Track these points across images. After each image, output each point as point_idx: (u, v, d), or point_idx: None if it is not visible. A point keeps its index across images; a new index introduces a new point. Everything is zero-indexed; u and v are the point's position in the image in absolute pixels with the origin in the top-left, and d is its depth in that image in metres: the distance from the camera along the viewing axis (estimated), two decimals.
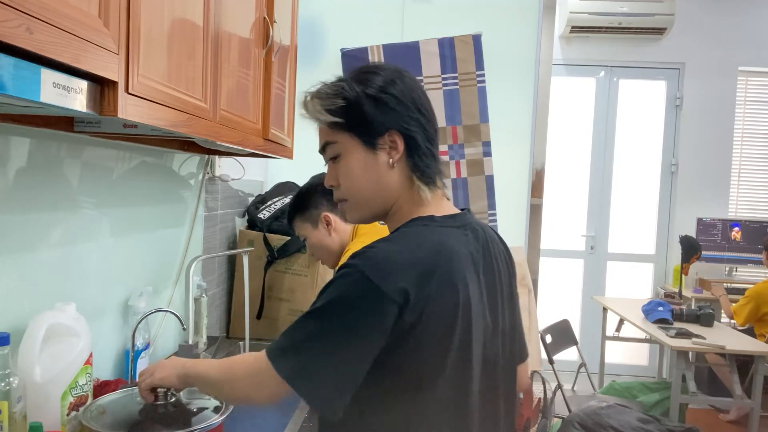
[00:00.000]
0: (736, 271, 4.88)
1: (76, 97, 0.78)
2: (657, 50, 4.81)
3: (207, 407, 1.23)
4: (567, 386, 3.47)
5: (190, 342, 1.80)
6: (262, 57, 1.59)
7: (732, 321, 3.98)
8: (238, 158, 2.19)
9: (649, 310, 3.64)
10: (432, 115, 1.05)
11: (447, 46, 2.75)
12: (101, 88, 0.84)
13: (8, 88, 0.66)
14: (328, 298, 0.92)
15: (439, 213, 1.03)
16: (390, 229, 1.06)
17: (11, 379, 1.03)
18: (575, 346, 3.57)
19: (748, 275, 4.86)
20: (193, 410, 1.22)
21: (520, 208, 2.92)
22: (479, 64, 2.75)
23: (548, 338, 3.33)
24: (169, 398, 1.17)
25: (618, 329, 4.25)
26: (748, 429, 3.25)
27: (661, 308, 3.59)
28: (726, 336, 3.38)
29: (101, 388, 1.36)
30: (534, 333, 2.63)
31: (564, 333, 3.54)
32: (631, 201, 4.98)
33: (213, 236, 2.19)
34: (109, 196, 1.49)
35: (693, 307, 3.86)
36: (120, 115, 0.85)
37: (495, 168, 2.77)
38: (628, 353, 4.85)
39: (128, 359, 1.56)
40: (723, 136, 4.87)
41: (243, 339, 2.13)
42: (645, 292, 4.96)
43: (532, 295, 2.68)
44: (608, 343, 4.28)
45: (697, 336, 3.23)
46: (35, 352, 1.09)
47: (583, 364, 3.60)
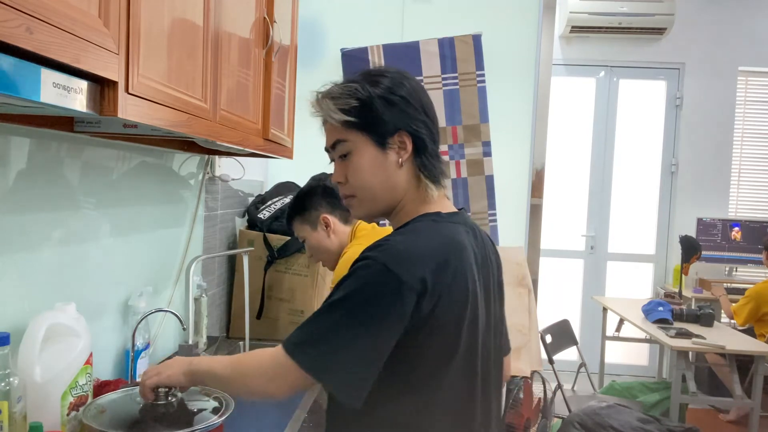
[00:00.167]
0: (736, 271, 4.88)
1: (76, 97, 0.78)
2: (657, 50, 4.81)
3: (207, 407, 1.23)
4: (567, 386, 3.47)
5: (190, 342, 1.80)
6: (262, 57, 1.59)
7: (732, 321, 3.98)
8: (238, 158, 2.19)
9: (649, 310, 3.64)
10: (435, 118, 1.10)
11: (447, 46, 2.75)
12: (101, 88, 0.84)
13: (8, 88, 0.66)
14: (347, 289, 0.95)
15: (444, 210, 1.08)
16: (394, 226, 1.11)
17: (11, 379, 1.03)
18: (575, 346, 3.57)
19: (748, 275, 4.86)
20: (193, 410, 1.21)
21: (520, 208, 2.92)
22: (479, 64, 2.75)
23: (548, 338, 3.33)
24: (169, 398, 1.17)
25: (618, 329, 4.25)
26: (748, 429, 3.25)
27: (661, 308, 3.59)
28: (726, 336, 3.38)
29: (101, 388, 1.36)
30: (534, 333, 2.62)
31: (564, 333, 3.54)
32: (631, 201, 4.98)
33: (213, 236, 2.19)
34: (109, 196, 1.49)
35: (693, 307, 3.86)
36: (120, 115, 0.85)
37: (495, 168, 2.78)
38: (628, 353, 4.85)
39: (128, 359, 1.56)
40: (723, 136, 4.87)
41: (243, 339, 2.13)
42: (645, 292, 4.96)
43: (532, 295, 2.68)
44: (608, 343, 4.28)
45: (697, 336, 3.23)
46: (35, 352, 1.09)
47: (583, 364, 3.60)
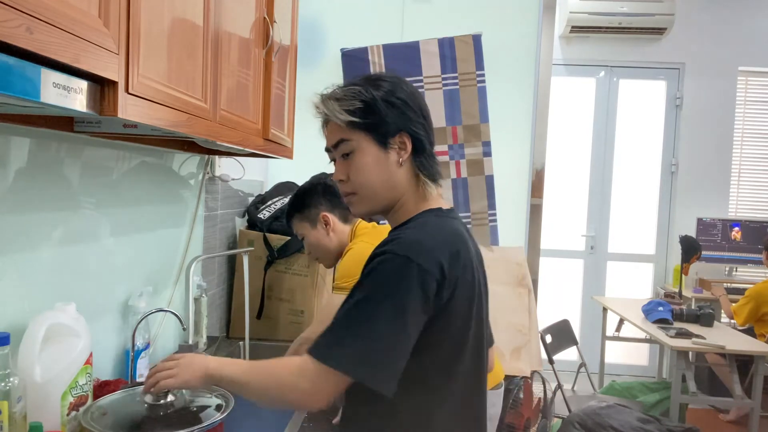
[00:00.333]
0: (736, 271, 4.88)
1: (76, 97, 0.78)
2: (657, 50, 4.81)
3: (207, 406, 1.23)
4: (567, 386, 3.47)
5: (190, 342, 1.80)
6: (262, 57, 1.59)
7: (732, 321, 3.98)
8: (238, 158, 2.19)
9: (649, 310, 3.64)
10: (431, 121, 1.16)
11: (447, 46, 2.75)
12: (101, 88, 0.84)
13: (8, 88, 0.66)
14: (371, 285, 0.98)
15: (444, 207, 1.14)
16: (393, 224, 1.15)
17: (11, 379, 1.03)
18: (575, 346, 3.57)
19: (748, 275, 4.86)
20: (193, 410, 1.22)
21: (520, 208, 2.92)
22: (479, 64, 2.75)
23: (548, 338, 3.33)
24: (169, 398, 1.17)
25: (618, 329, 4.25)
26: (748, 429, 3.25)
27: (661, 308, 3.59)
28: (726, 336, 3.38)
29: (101, 388, 1.36)
30: (534, 333, 2.63)
31: (564, 333, 3.54)
32: (631, 201, 4.98)
33: (213, 236, 2.19)
34: (109, 196, 1.49)
35: (693, 307, 3.86)
36: (120, 115, 0.85)
37: (495, 168, 2.78)
38: (628, 353, 4.85)
39: (128, 359, 1.56)
40: (723, 136, 4.87)
41: (243, 339, 2.13)
42: (645, 292, 4.96)
43: (532, 295, 2.68)
44: (608, 343, 4.28)
45: (697, 336, 3.23)
46: (35, 352, 1.09)
47: (583, 364, 3.60)
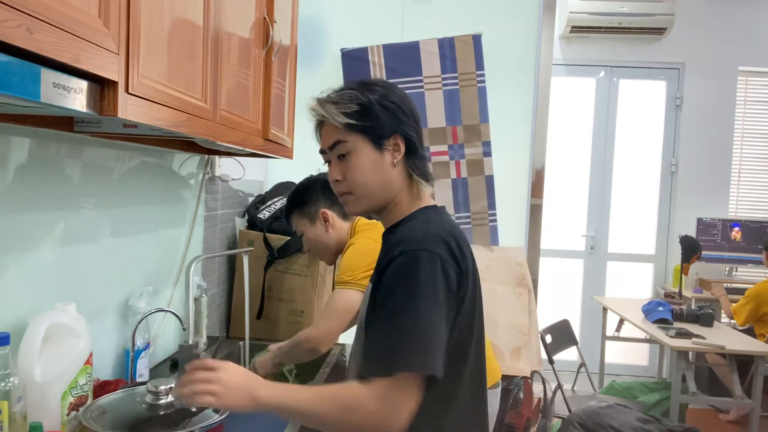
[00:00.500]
0: (736, 271, 4.88)
1: (76, 97, 0.78)
2: (657, 50, 4.80)
3: (206, 407, 1.23)
4: (567, 386, 3.46)
5: (190, 342, 1.80)
6: (262, 57, 1.59)
7: (732, 321, 3.98)
8: (238, 158, 2.19)
9: (649, 310, 3.63)
10: (420, 124, 1.20)
11: (447, 46, 2.75)
12: (101, 88, 0.84)
13: (8, 88, 0.66)
14: (405, 286, 1.00)
15: (438, 205, 1.18)
16: (386, 223, 1.18)
17: (11, 379, 1.03)
18: (575, 346, 3.57)
19: (748, 275, 4.86)
20: (192, 410, 1.22)
21: (520, 208, 2.92)
22: (479, 64, 2.75)
23: (548, 338, 3.32)
24: (169, 398, 1.17)
25: (618, 329, 4.25)
26: (748, 429, 3.25)
27: (661, 308, 3.59)
28: (726, 336, 3.37)
29: (101, 388, 1.36)
30: (534, 333, 2.63)
31: (564, 333, 3.53)
32: (631, 201, 4.98)
33: (213, 236, 2.19)
34: (109, 196, 1.49)
35: (693, 307, 3.86)
36: (120, 115, 0.85)
37: (495, 168, 2.78)
38: (628, 353, 4.85)
39: (128, 359, 1.56)
40: (723, 136, 4.87)
41: (243, 339, 2.13)
42: (645, 292, 4.96)
43: (532, 295, 2.68)
44: (608, 343, 4.28)
45: (697, 336, 3.23)
46: (35, 352, 1.09)
47: (583, 364, 3.60)
